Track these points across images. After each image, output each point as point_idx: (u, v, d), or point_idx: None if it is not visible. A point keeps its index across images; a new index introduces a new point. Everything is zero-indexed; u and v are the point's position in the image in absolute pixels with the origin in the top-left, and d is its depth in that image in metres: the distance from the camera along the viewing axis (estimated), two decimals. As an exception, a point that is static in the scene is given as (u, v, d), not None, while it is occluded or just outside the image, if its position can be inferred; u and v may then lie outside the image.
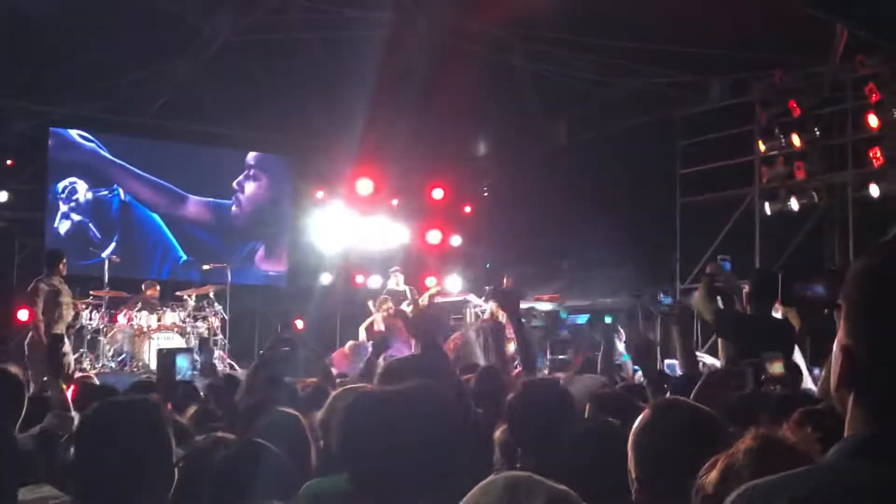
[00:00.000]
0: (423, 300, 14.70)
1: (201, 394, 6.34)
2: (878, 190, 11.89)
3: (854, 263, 1.47)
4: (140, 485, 2.48)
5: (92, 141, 15.67)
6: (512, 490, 1.74)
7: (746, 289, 6.94)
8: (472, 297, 14.86)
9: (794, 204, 12.93)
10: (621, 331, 12.74)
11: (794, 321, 6.67)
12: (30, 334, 10.71)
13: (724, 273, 7.29)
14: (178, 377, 6.36)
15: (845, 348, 1.41)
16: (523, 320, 6.25)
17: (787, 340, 6.19)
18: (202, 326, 13.72)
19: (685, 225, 14.74)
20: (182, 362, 6.46)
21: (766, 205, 13.32)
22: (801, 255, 13.19)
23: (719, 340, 7.19)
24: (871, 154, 11.90)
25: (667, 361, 11.62)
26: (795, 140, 12.92)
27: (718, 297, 6.90)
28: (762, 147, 13.47)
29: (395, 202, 17.97)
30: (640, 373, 7.51)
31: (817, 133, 12.83)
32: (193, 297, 13.94)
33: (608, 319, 13.81)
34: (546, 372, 11.95)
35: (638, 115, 15.07)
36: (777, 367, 4.76)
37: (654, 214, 14.95)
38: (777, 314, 7.05)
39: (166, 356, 12.53)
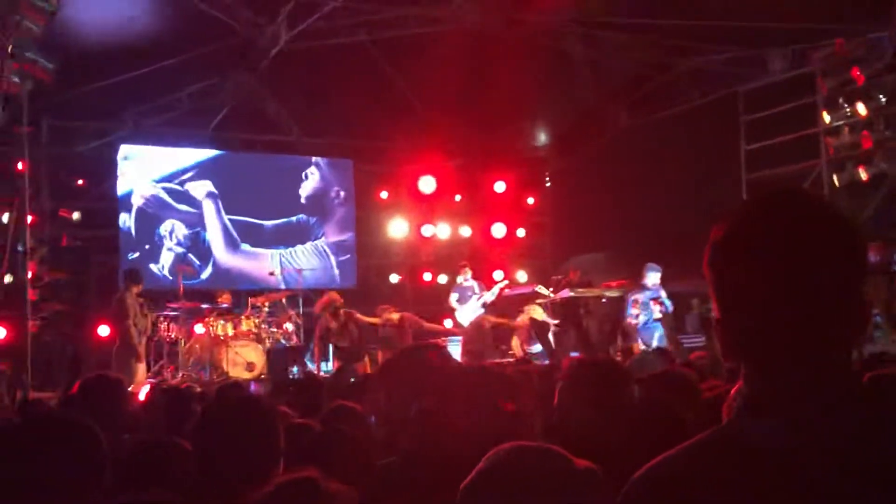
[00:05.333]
0: (493, 293, 14.74)
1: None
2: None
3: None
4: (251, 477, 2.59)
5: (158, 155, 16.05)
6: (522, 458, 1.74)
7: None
8: (540, 289, 14.85)
9: (862, 174, 12.67)
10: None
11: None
12: (117, 345, 11.17)
13: None
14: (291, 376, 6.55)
15: (716, 321, 1.47)
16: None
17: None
18: (278, 332, 13.93)
19: (753, 201, 14.52)
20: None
21: (835, 177, 13.07)
22: (875, 226, 12.92)
23: None
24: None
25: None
26: (860, 109, 12.64)
27: None
28: (826, 118, 13.21)
29: (458, 198, 18.05)
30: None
31: (882, 100, 12.55)
32: (267, 304, 14.16)
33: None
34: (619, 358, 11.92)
35: (698, 93, 14.91)
36: None
37: (721, 192, 14.76)
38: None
39: (279, 355, 12.96)
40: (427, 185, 17.29)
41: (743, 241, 1.46)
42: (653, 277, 12.88)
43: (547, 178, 19.05)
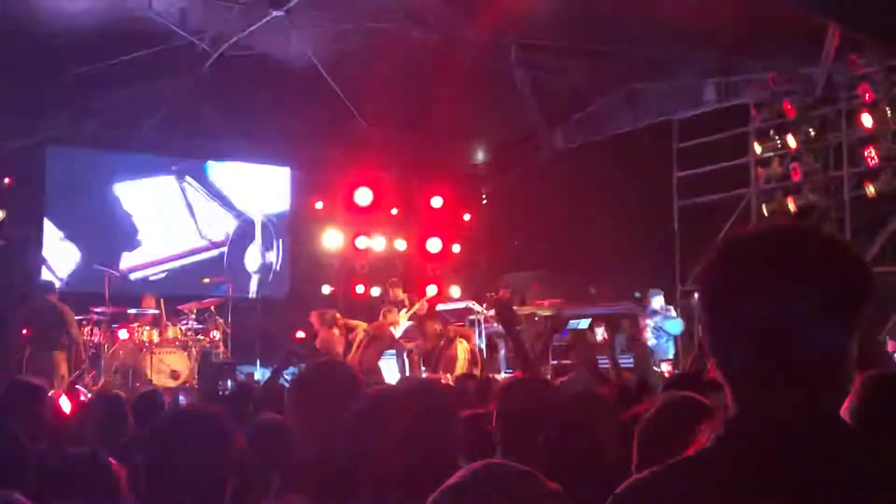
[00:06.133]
0: (420, 307, 14.73)
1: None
2: (873, 189, 11.92)
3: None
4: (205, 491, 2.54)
5: (89, 158, 15.79)
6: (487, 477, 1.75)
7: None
8: (473, 305, 14.89)
9: (791, 205, 12.97)
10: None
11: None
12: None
13: None
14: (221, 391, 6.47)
15: (700, 345, 1.53)
16: (519, 328, 6.29)
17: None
18: (204, 340, 13.75)
19: (684, 227, 14.79)
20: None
21: (763, 206, 13.37)
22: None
23: None
24: (865, 153, 11.95)
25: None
26: (791, 141, 12.97)
27: None
28: (758, 149, 13.52)
29: (394, 211, 18.03)
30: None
31: (812, 133, 12.88)
32: (195, 312, 13.98)
33: (584, 325, 13.93)
34: (548, 376, 11.99)
35: (634, 119, 15.13)
36: None
37: (652, 218, 15.00)
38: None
39: (211, 368, 12.74)
40: (363, 196, 17.23)
41: (745, 275, 1.47)
42: (658, 301, 13.07)
43: (483, 196, 19.14)
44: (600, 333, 12.86)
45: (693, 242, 14.38)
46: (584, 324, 15.79)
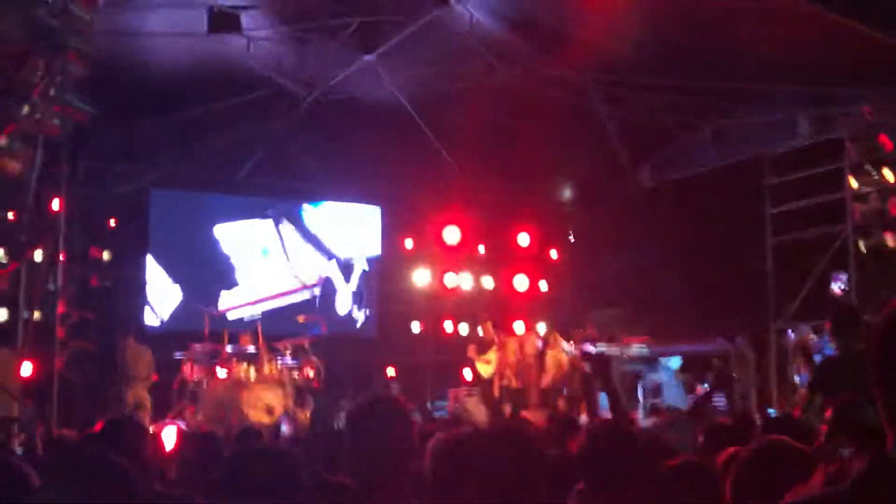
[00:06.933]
0: (513, 345, 14.82)
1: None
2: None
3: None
4: None
5: (190, 201, 16.32)
6: None
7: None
8: (563, 343, 14.88)
9: (889, 241, 12.68)
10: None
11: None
12: None
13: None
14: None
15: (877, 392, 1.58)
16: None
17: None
18: (299, 377, 14.00)
19: (778, 264, 14.54)
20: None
21: (861, 242, 13.08)
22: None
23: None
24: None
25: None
26: (888, 175, 12.71)
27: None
28: (854, 184, 13.25)
29: (481, 249, 18.16)
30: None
31: (910, 167, 12.62)
32: (289, 349, 14.25)
33: (675, 364, 13.72)
34: (640, 416, 11.92)
35: (723, 155, 14.99)
36: None
37: (743, 255, 14.80)
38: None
39: (323, 402, 13.10)
40: (451, 235, 17.42)
41: None
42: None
43: (570, 233, 19.14)
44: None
45: (787, 280, 14.15)
46: (674, 362, 15.66)
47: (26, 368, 9.79)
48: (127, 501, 2.67)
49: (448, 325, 17.72)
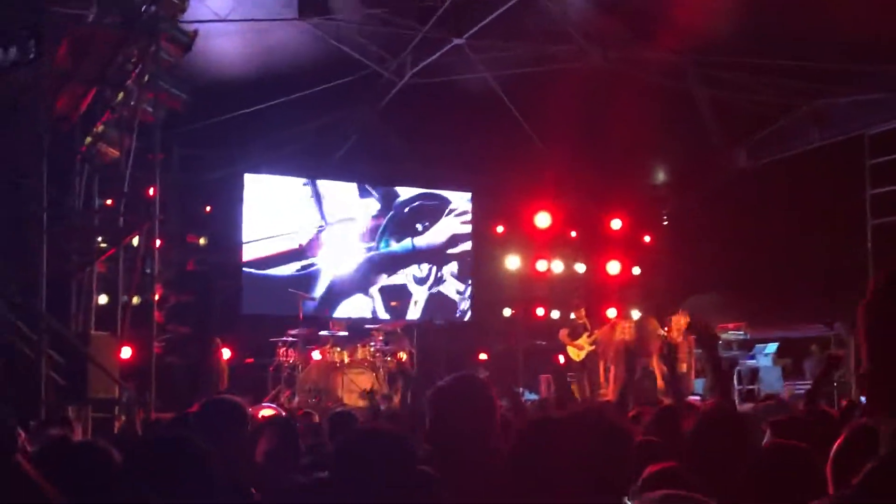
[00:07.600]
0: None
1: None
2: None
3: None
4: None
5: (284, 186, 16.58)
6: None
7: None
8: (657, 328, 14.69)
9: None
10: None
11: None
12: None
13: None
14: None
15: (866, 373, 1.50)
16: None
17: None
18: (392, 361, 14.16)
19: (878, 247, 14.09)
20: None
21: (968, 222, 12.60)
22: None
23: None
24: None
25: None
26: None
27: None
28: (961, 163, 12.76)
29: (573, 234, 18.05)
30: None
31: None
32: (383, 333, 14.42)
33: (770, 349, 13.39)
34: (735, 401, 11.69)
35: (820, 136, 14.58)
36: None
37: (842, 237, 14.38)
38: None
39: (418, 389, 13.20)
40: (543, 220, 17.35)
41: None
42: None
43: (664, 217, 18.87)
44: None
45: (888, 263, 13.68)
46: (771, 348, 15.35)
47: (126, 352, 10.06)
48: (205, 480, 2.77)
49: (540, 311, 17.67)
